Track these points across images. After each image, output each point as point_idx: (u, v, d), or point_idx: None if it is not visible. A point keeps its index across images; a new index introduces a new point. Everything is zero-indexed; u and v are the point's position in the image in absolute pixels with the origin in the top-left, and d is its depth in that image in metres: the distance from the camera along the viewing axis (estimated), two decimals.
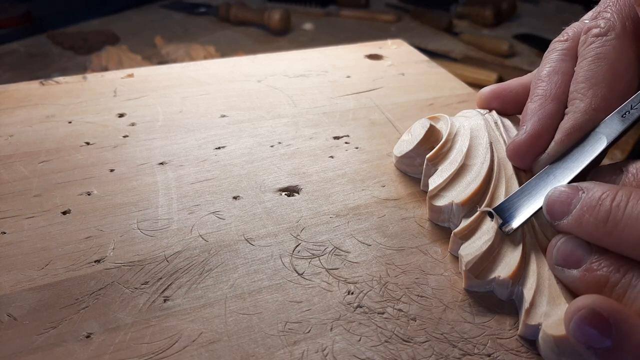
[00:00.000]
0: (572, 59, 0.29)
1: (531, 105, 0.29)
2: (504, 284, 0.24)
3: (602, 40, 0.27)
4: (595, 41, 0.27)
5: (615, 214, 0.21)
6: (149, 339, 0.22)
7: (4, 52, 1.03)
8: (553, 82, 0.29)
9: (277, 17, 1.15)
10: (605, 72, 0.26)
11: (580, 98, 0.27)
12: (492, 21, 1.25)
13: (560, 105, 0.28)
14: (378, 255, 0.27)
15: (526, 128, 0.28)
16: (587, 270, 0.22)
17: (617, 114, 0.26)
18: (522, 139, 0.28)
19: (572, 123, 0.26)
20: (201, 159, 0.35)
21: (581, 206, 0.22)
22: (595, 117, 0.26)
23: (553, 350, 0.21)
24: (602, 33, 0.27)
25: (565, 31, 0.31)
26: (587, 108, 0.26)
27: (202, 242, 0.28)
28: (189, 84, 0.45)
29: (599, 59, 0.27)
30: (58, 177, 0.32)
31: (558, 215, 0.23)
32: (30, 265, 0.26)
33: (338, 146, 0.37)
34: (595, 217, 0.22)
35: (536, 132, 0.27)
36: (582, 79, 0.27)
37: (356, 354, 0.22)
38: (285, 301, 0.24)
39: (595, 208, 0.22)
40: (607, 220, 0.21)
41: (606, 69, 0.26)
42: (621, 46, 0.27)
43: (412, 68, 0.49)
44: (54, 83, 0.44)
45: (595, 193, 0.22)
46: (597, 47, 0.27)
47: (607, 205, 0.21)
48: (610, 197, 0.22)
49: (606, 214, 0.21)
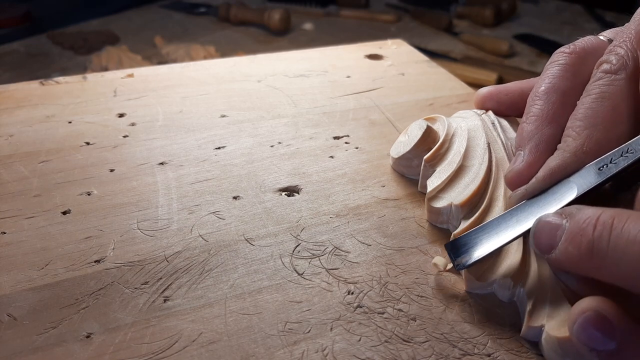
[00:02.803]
0: (574, 77, 0.28)
1: (527, 127, 0.27)
2: (505, 285, 0.24)
3: (610, 79, 0.25)
4: (603, 77, 0.26)
5: (598, 245, 0.20)
6: (149, 339, 0.22)
7: (4, 52, 1.03)
8: (550, 101, 0.27)
9: (277, 17, 1.15)
10: (606, 114, 0.25)
11: (574, 137, 0.25)
12: (492, 21, 1.26)
13: (557, 128, 0.27)
14: (378, 255, 0.27)
15: (524, 155, 0.27)
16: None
17: (595, 166, 0.24)
18: (520, 167, 0.26)
19: (559, 162, 0.25)
20: (201, 159, 0.35)
21: (566, 237, 0.21)
22: (583, 160, 0.25)
23: (556, 351, 0.21)
24: (612, 71, 0.26)
25: (573, 42, 0.29)
26: (577, 150, 0.25)
27: (202, 242, 0.28)
28: (189, 84, 0.45)
29: (602, 99, 0.25)
30: (58, 177, 0.32)
31: (546, 249, 0.22)
32: (30, 265, 0.26)
33: (338, 146, 0.37)
34: (578, 250, 0.20)
35: (534, 158, 0.26)
36: (581, 116, 0.25)
37: (356, 354, 0.22)
38: (285, 301, 0.24)
39: (577, 240, 0.20)
40: (592, 253, 0.20)
41: (607, 110, 0.25)
42: (628, 89, 0.25)
43: (412, 68, 0.49)
44: (54, 83, 0.44)
45: (578, 220, 0.21)
46: (604, 85, 0.25)
47: (589, 235, 0.20)
48: (591, 225, 0.20)
49: (589, 245, 0.20)
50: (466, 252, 0.25)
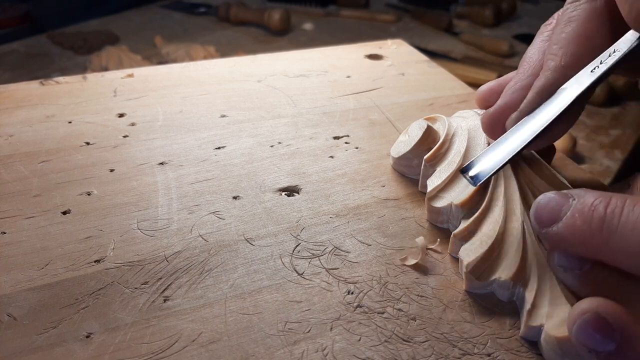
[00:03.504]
0: None
1: (510, 82, 0.30)
2: (505, 285, 0.24)
3: (574, 5, 0.28)
4: (569, 7, 0.28)
5: (610, 220, 0.20)
6: (149, 339, 0.22)
7: (4, 52, 1.03)
8: (533, 60, 0.29)
9: (277, 17, 1.15)
10: (575, 32, 0.27)
11: (552, 58, 0.27)
12: (492, 21, 1.25)
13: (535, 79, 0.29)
14: (378, 255, 0.27)
15: (500, 100, 0.29)
16: (589, 272, 0.22)
17: (587, 69, 0.26)
18: (491, 111, 0.29)
19: (543, 81, 0.27)
20: (201, 159, 0.35)
21: (572, 212, 0.21)
22: (566, 74, 0.27)
23: (556, 351, 0.21)
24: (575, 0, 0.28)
25: (552, 16, 0.32)
26: (557, 65, 0.27)
27: (202, 242, 0.28)
28: (189, 84, 0.45)
29: (570, 22, 0.28)
30: (58, 177, 0.32)
31: (546, 222, 0.22)
32: (30, 265, 0.26)
33: (338, 146, 0.37)
34: (588, 224, 0.20)
35: (508, 103, 0.28)
36: (555, 40, 0.28)
37: (356, 354, 0.22)
38: (285, 301, 0.24)
39: (588, 214, 0.21)
40: (602, 228, 0.20)
41: (577, 29, 0.27)
42: (592, 7, 0.27)
43: (412, 68, 0.49)
44: (54, 83, 0.44)
45: (587, 199, 0.21)
46: (571, 11, 0.28)
47: (601, 211, 0.20)
48: (603, 203, 0.21)
49: (600, 221, 0.20)
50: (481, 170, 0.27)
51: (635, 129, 0.81)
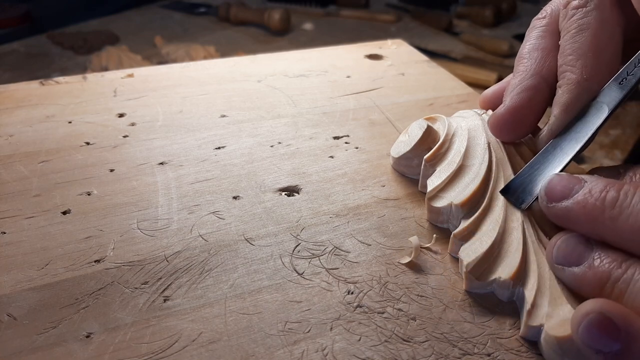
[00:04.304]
0: (552, 35, 0.30)
1: (512, 81, 0.29)
2: (505, 285, 0.24)
3: (582, 12, 0.28)
4: (576, 13, 0.28)
5: (623, 200, 0.21)
6: (148, 339, 0.22)
7: (4, 52, 1.03)
8: (533, 58, 0.29)
9: (277, 17, 1.15)
10: (590, 42, 0.27)
11: (570, 70, 0.27)
12: (492, 21, 1.25)
13: (540, 80, 0.29)
14: (378, 255, 0.27)
15: (506, 102, 0.29)
16: (588, 267, 0.22)
17: (615, 82, 0.26)
18: (501, 112, 0.29)
19: (568, 96, 0.27)
20: (201, 159, 0.35)
21: (584, 192, 0.22)
22: (588, 87, 0.27)
23: (556, 351, 0.21)
24: (581, 5, 0.28)
25: (544, 9, 0.32)
26: (579, 79, 0.27)
27: (202, 242, 0.28)
28: (189, 84, 0.45)
29: (582, 30, 0.27)
30: (58, 177, 0.32)
31: (557, 197, 0.23)
32: (30, 265, 0.26)
33: (338, 146, 0.37)
34: (601, 202, 0.21)
35: (515, 104, 0.28)
36: (569, 51, 0.27)
37: (356, 354, 0.22)
38: (285, 301, 0.24)
39: (601, 193, 0.22)
40: (614, 206, 0.21)
41: (590, 39, 0.27)
42: (601, 15, 0.27)
43: (412, 68, 0.49)
44: (54, 83, 0.44)
45: (600, 183, 0.22)
46: (579, 18, 0.28)
47: (614, 193, 0.21)
48: (616, 186, 0.22)
49: (613, 200, 0.21)
50: (525, 191, 0.26)
51: (635, 129, 0.81)
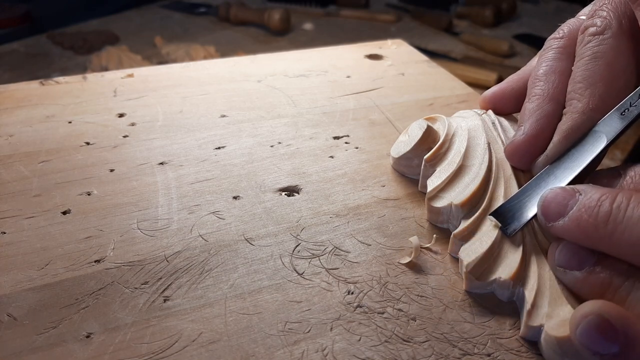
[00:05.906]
0: (568, 57, 0.29)
1: (529, 105, 0.29)
2: (505, 285, 0.24)
3: (599, 39, 0.27)
4: (592, 40, 0.27)
5: (615, 215, 0.21)
6: (149, 339, 0.22)
7: (4, 52, 1.03)
8: (550, 81, 0.29)
9: (277, 17, 1.15)
10: (603, 71, 0.26)
11: (578, 98, 0.27)
12: (492, 21, 1.26)
13: (557, 106, 0.28)
14: (378, 255, 0.27)
15: (524, 129, 0.28)
16: (589, 272, 0.22)
17: (616, 112, 0.26)
18: (520, 139, 0.28)
19: (570, 124, 0.26)
20: (201, 159, 0.35)
21: (579, 207, 0.22)
22: (593, 117, 0.26)
23: (556, 351, 0.21)
24: (598, 32, 0.27)
25: (560, 28, 0.31)
26: (584, 108, 0.26)
27: (202, 242, 0.28)
28: (189, 84, 0.45)
29: (596, 58, 0.27)
30: (58, 177, 0.32)
31: (553, 216, 0.23)
32: (30, 265, 0.26)
33: (338, 146, 0.37)
34: (594, 218, 0.21)
35: (534, 132, 0.27)
36: (580, 78, 0.27)
37: (356, 354, 0.22)
38: (285, 301, 0.24)
39: (594, 209, 0.21)
40: (607, 222, 0.21)
41: (603, 68, 0.26)
42: (618, 45, 0.27)
43: (412, 68, 0.49)
44: (54, 83, 0.44)
45: (594, 195, 0.22)
46: (594, 46, 0.27)
47: (607, 207, 0.21)
48: (609, 199, 0.21)
49: (606, 215, 0.21)
50: (514, 217, 0.26)
51: (635, 129, 0.81)
